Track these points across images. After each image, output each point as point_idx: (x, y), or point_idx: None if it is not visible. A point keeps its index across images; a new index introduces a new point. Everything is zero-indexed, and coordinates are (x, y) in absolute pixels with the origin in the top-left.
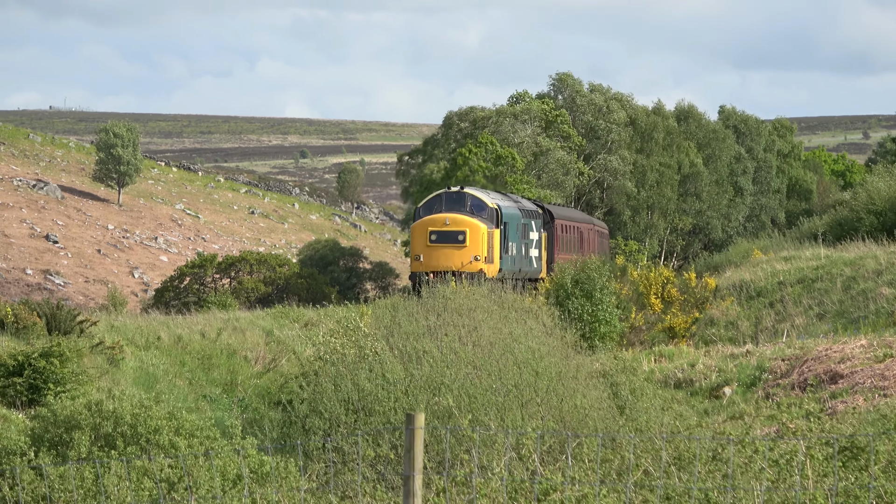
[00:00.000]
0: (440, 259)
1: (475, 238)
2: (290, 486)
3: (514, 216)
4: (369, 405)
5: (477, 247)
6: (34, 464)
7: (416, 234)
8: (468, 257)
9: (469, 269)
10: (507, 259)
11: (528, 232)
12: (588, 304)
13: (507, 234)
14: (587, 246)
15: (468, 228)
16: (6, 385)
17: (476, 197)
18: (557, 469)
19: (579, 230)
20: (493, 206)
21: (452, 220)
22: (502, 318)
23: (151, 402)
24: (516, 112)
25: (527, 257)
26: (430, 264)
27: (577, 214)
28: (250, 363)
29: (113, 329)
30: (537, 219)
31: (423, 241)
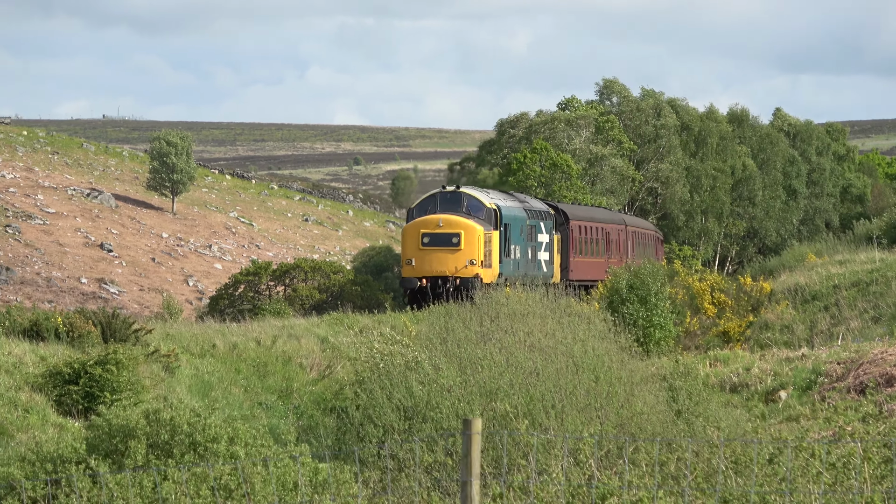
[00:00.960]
0: (433, 263)
1: (471, 240)
2: (347, 493)
3: (517, 217)
4: (423, 411)
5: (473, 250)
6: (90, 472)
7: (407, 237)
8: (463, 261)
9: (464, 273)
10: (509, 263)
11: (536, 234)
12: (643, 310)
13: (508, 237)
14: (617, 249)
15: (463, 230)
16: (62, 393)
17: (473, 197)
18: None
19: (605, 231)
20: (492, 206)
21: (446, 221)
22: (557, 322)
23: (207, 410)
24: (570, 118)
25: (534, 261)
26: (422, 269)
27: (602, 214)
28: (305, 370)
29: (168, 337)
30: (547, 220)
31: (414, 243)
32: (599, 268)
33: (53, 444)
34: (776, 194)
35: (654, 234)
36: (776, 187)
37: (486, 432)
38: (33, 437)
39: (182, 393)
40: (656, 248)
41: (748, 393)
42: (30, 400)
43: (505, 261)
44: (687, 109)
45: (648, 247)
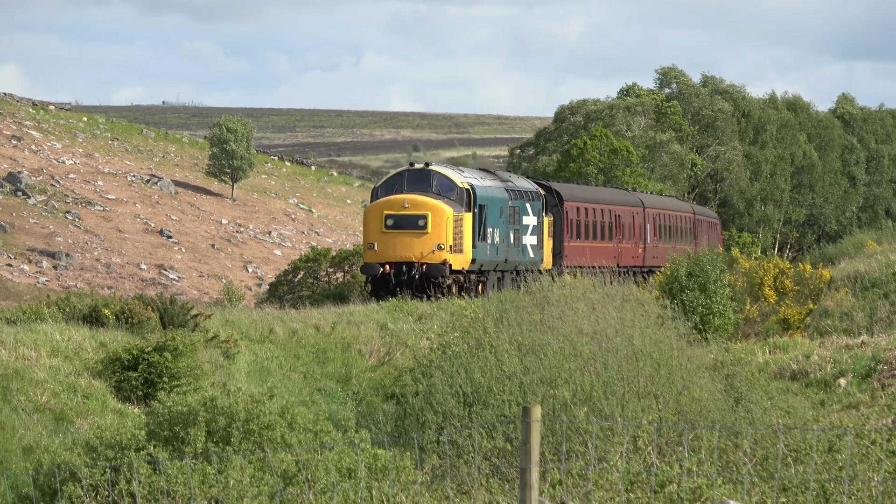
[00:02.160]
0: (397, 248)
1: (439, 223)
2: (406, 479)
3: (495, 198)
4: (484, 397)
5: (441, 233)
6: (150, 458)
7: (369, 219)
8: (430, 246)
9: (430, 259)
10: (485, 248)
11: (521, 216)
12: (702, 297)
13: (484, 219)
14: (632, 233)
15: (430, 212)
16: (121, 380)
17: (443, 175)
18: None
19: (614, 214)
20: (464, 185)
21: (412, 202)
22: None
23: (265, 396)
24: (629, 104)
25: (517, 246)
26: (385, 254)
27: (610, 195)
28: (364, 357)
29: (227, 323)
30: (535, 201)
31: (377, 226)
32: (604, 253)
33: (114, 430)
34: (836, 181)
35: (698, 219)
36: (836, 174)
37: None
38: (93, 423)
39: (241, 379)
40: (704, 235)
41: (807, 380)
42: (89, 386)
43: (480, 245)
44: (745, 97)
45: (687, 232)
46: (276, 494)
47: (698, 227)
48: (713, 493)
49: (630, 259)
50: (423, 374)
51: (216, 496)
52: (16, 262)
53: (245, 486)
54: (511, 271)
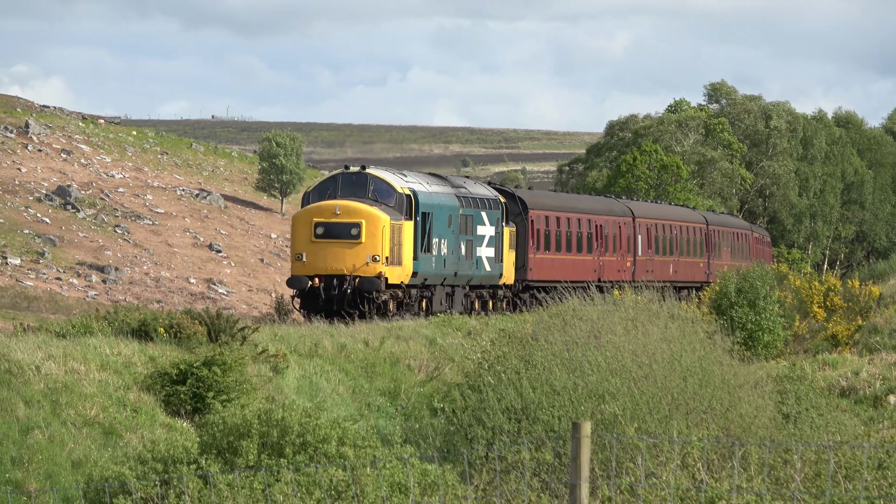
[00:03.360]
0: (328, 259)
1: (373, 232)
2: (455, 494)
3: (443, 205)
4: (533, 413)
5: (376, 243)
6: (201, 472)
7: (297, 226)
8: (363, 257)
9: (364, 272)
10: (429, 260)
11: (475, 225)
12: (751, 313)
13: (428, 228)
14: (617, 245)
15: (364, 219)
16: (170, 394)
17: (381, 180)
18: (724, 477)
19: (595, 224)
20: (404, 191)
21: (344, 208)
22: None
23: (316, 410)
24: (680, 120)
25: (470, 258)
26: (314, 266)
27: (590, 204)
28: (413, 371)
29: (276, 337)
30: (492, 209)
31: (306, 235)
32: (581, 267)
33: (165, 444)
34: (886, 198)
35: (716, 230)
36: (887, 191)
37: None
38: (142, 437)
39: (290, 394)
40: (726, 248)
41: (857, 397)
42: (138, 400)
43: (423, 257)
44: (793, 112)
45: (696, 245)
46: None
47: (716, 238)
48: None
49: (615, 273)
50: (472, 388)
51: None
52: (65, 275)
53: (294, 501)
54: (463, 286)
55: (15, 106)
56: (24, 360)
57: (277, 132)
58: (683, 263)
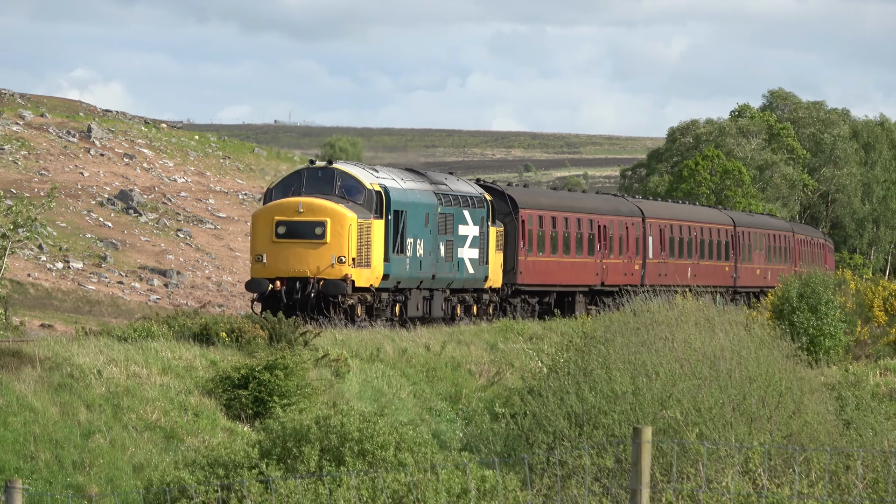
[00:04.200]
0: (290, 261)
1: (339, 231)
2: (514, 500)
3: (419, 203)
4: (594, 418)
5: (342, 243)
6: (262, 477)
7: (258, 225)
8: (328, 258)
9: (329, 274)
10: (403, 261)
11: (456, 225)
12: (813, 318)
13: (402, 227)
14: (624, 247)
15: (329, 218)
16: (231, 398)
17: (350, 175)
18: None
19: (597, 224)
20: (374, 187)
21: (308, 206)
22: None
23: (376, 416)
24: (742, 126)
25: (450, 260)
26: (275, 268)
27: (592, 202)
28: (474, 376)
29: (338, 342)
30: (476, 207)
31: (267, 234)
32: (581, 270)
33: (226, 448)
34: None
35: (746, 231)
36: None
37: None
38: (203, 441)
39: (351, 398)
40: (761, 251)
41: None
42: (200, 404)
43: (396, 258)
44: (853, 119)
45: (720, 246)
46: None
47: (745, 240)
48: None
49: (621, 277)
50: (533, 393)
51: None
52: (127, 279)
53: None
54: (443, 290)
55: (77, 110)
56: (86, 364)
57: (339, 137)
58: (704, 267)
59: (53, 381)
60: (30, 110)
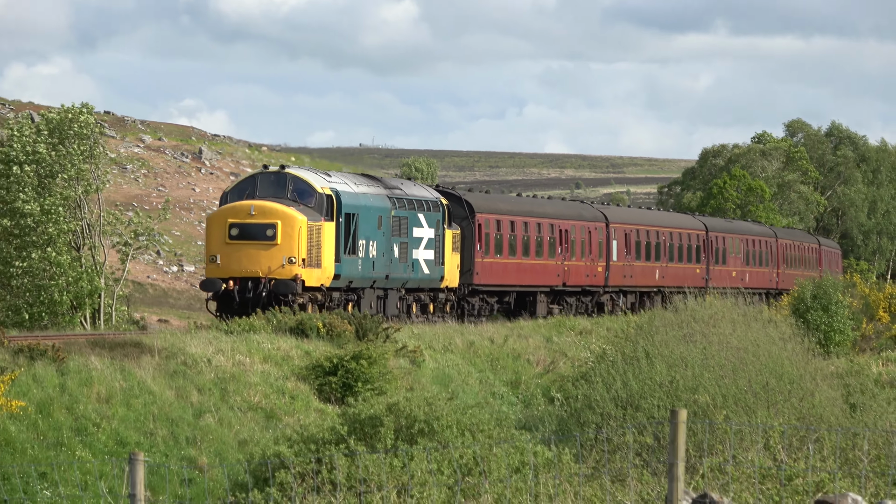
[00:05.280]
0: (242, 261)
1: (290, 233)
2: (567, 472)
3: (371, 206)
4: (636, 402)
5: (292, 245)
6: (349, 451)
7: (212, 227)
8: (279, 259)
9: (280, 274)
10: (354, 262)
11: (410, 227)
12: (825, 316)
13: (353, 229)
14: (587, 250)
15: (280, 220)
16: (323, 383)
17: (301, 179)
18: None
19: (559, 229)
20: (325, 191)
21: (259, 208)
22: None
23: (442, 400)
24: (764, 150)
25: (405, 260)
26: (229, 268)
27: (553, 208)
28: (532, 365)
29: (414, 335)
30: (431, 211)
31: (220, 236)
32: (541, 272)
33: (317, 427)
34: None
35: (718, 237)
36: None
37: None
38: (297, 420)
39: (426, 384)
40: (738, 255)
41: None
42: (295, 388)
43: (347, 259)
44: (864, 143)
45: (690, 251)
46: (456, 483)
47: (719, 244)
48: (834, 486)
49: (584, 278)
50: (584, 380)
51: (405, 483)
52: None
53: (428, 476)
54: (398, 289)
55: (189, 135)
56: (197, 353)
57: (415, 158)
58: (674, 269)
59: (169, 368)
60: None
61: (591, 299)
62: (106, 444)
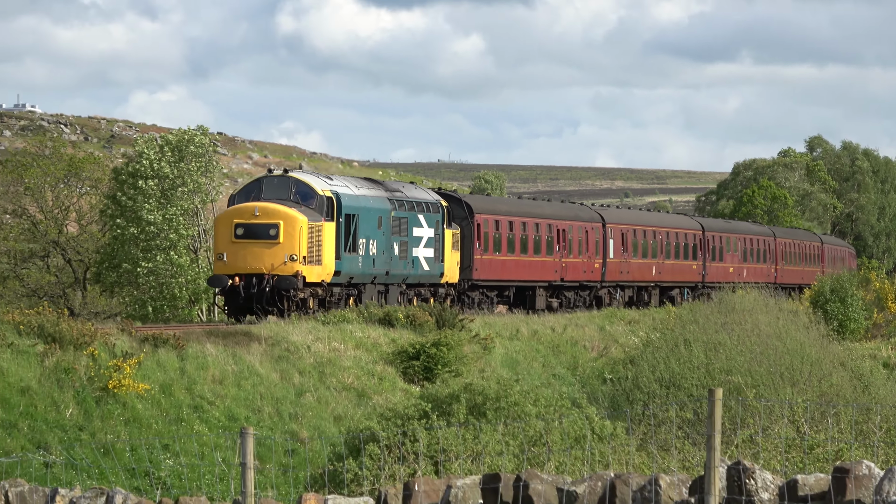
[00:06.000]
0: (247, 259)
1: (291, 232)
2: (619, 442)
3: (371, 208)
4: (678, 382)
5: (294, 243)
6: (429, 425)
7: (219, 228)
8: (281, 257)
9: (282, 271)
10: (355, 259)
11: (410, 227)
12: (841, 307)
13: (354, 229)
14: (584, 248)
15: (282, 220)
16: (407, 367)
17: (303, 182)
18: (821, 430)
19: (556, 228)
20: (326, 193)
21: (263, 210)
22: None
23: (511, 381)
24: (787, 163)
25: (405, 258)
26: (235, 265)
27: (550, 210)
28: (588, 350)
29: (486, 325)
30: (431, 212)
31: (227, 235)
32: (539, 268)
33: (402, 404)
34: None
35: (715, 236)
36: None
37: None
38: (385, 398)
39: (496, 366)
40: (734, 253)
41: None
42: (383, 371)
43: (348, 256)
44: (876, 157)
45: (686, 248)
46: (524, 451)
47: (716, 243)
48: (850, 454)
49: (581, 274)
50: (632, 363)
51: (478, 452)
52: None
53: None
54: (398, 284)
55: (291, 153)
56: (298, 341)
57: (486, 172)
58: (670, 265)
59: (274, 354)
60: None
61: (589, 293)
62: (219, 419)
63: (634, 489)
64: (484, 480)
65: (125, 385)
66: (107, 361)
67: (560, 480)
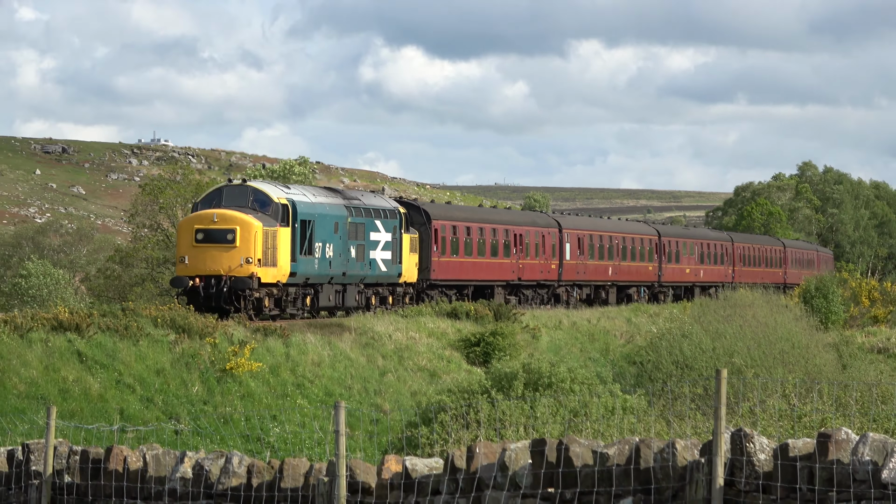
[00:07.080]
0: (206, 261)
1: (247, 237)
2: (642, 412)
3: (326, 214)
4: (690, 363)
5: (249, 247)
6: (490, 399)
7: (181, 233)
8: (237, 259)
9: (238, 272)
10: (310, 262)
11: (368, 232)
12: (824, 302)
13: (310, 234)
14: (541, 251)
15: (239, 226)
16: (469, 352)
17: (260, 191)
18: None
19: (513, 233)
20: (281, 200)
21: (221, 216)
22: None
23: (558, 363)
24: (779, 185)
25: (362, 260)
26: (195, 267)
27: (508, 217)
28: (617, 338)
29: (533, 317)
30: (389, 218)
31: (188, 240)
32: (496, 268)
33: (467, 382)
34: None
35: (672, 241)
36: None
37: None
38: (452, 377)
39: (543, 352)
40: (691, 256)
41: (889, 354)
42: (450, 355)
43: (304, 259)
44: (850, 179)
45: (643, 252)
46: (566, 421)
47: (672, 248)
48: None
49: (538, 274)
50: (653, 348)
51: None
52: None
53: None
54: (356, 284)
55: (376, 178)
56: (382, 331)
57: (534, 193)
58: (626, 266)
59: (362, 342)
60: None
61: (548, 291)
62: (317, 395)
63: (655, 451)
64: (532, 444)
65: (241, 366)
66: (226, 348)
67: (595, 444)
